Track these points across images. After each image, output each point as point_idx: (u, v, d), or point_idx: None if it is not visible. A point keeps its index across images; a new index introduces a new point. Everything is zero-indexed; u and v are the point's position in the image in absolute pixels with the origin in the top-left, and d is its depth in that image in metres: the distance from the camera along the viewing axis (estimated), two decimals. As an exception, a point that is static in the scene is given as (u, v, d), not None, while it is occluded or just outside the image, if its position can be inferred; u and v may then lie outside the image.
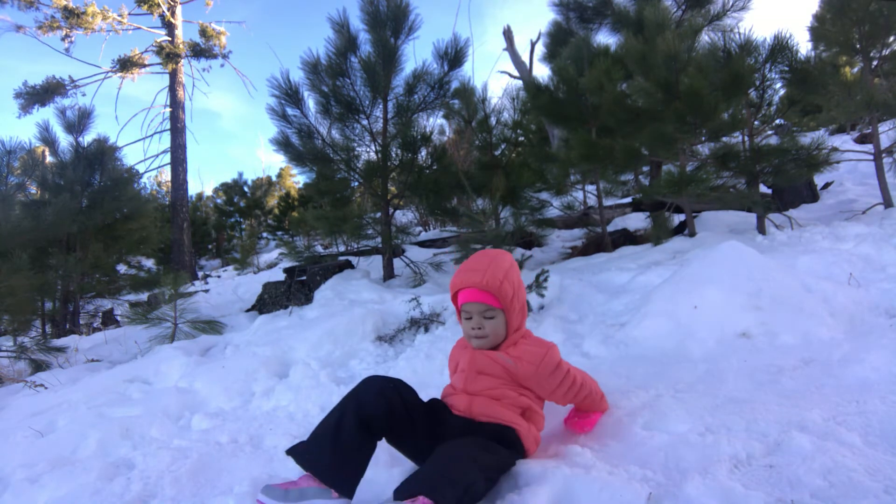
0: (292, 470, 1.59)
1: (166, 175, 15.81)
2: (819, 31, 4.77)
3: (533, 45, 10.60)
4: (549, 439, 1.66)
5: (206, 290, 6.63)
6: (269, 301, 4.85)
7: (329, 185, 5.60)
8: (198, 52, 12.30)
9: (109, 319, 6.48)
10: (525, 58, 10.76)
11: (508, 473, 1.41)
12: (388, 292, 4.20)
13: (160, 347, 3.59)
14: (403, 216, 8.98)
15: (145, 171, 12.22)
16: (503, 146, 5.65)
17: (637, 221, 6.13)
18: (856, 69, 5.19)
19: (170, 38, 11.43)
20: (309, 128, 4.84)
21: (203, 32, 12.29)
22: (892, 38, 4.58)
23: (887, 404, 1.44)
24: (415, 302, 3.52)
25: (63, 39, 10.87)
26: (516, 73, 10.77)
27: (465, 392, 1.57)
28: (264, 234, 15.74)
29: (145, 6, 10.96)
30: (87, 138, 6.28)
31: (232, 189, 17.17)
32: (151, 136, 11.67)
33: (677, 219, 5.47)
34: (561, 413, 1.82)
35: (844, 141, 8.66)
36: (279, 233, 14.77)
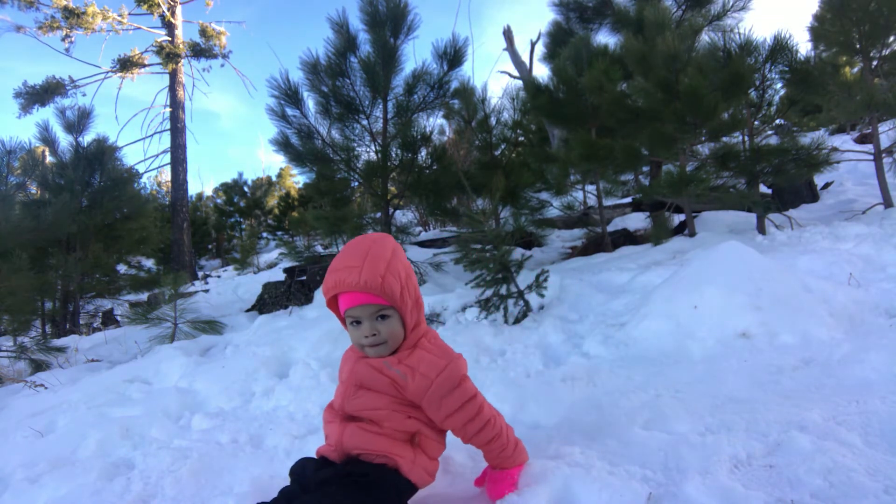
0: (292, 470, 1.59)
1: (166, 175, 15.81)
2: (819, 31, 4.77)
3: (533, 45, 10.61)
4: (549, 439, 1.66)
5: (206, 290, 6.63)
6: (269, 301, 4.85)
7: (329, 185, 5.60)
8: (198, 52, 12.31)
9: (109, 319, 6.48)
10: (525, 58, 10.76)
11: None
12: (388, 292, 4.19)
13: (160, 347, 3.59)
14: (403, 216, 8.97)
15: (145, 171, 12.24)
16: (503, 146, 5.65)
17: (637, 221, 6.13)
18: (856, 69, 5.19)
19: (170, 38, 11.43)
20: (309, 128, 4.84)
21: (203, 32, 12.30)
22: (892, 38, 4.57)
23: (887, 404, 1.44)
24: (415, 302, 3.52)
25: (63, 39, 10.87)
26: (516, 73, 10.77)
27: (341, 414, 1.31)
28: (264, 234, 15.73)
29: (145, 6, 10.96)
30: (87, 138, 6.30)
31: (232, 189, 17.18)
32: (151, 136, 11.69)
33: (677, 219, 5.47)
34: (560, 409, 1.82)
35: (844, 141, 8.66)
36: (279, 233, 14.77)
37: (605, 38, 7.86)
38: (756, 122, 4.54)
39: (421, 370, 1.25)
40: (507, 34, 10.68)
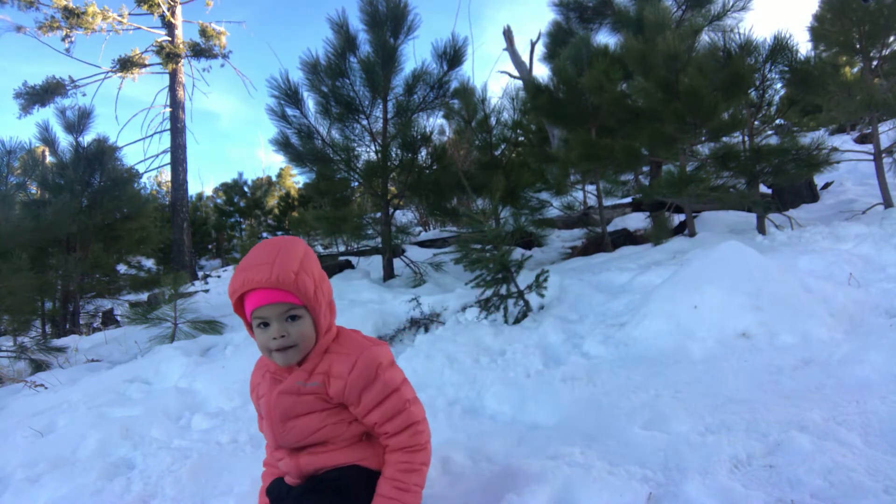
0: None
1: (166, 175, 15.80)
2: (819, 31, 4.77)
3: (533, 45, 10.61)
4: (549, 439, 1.66)
5: (206, 290, 6.63)
6: (269, 301, 4.84)
7: (329, 185, 5.61)
8: (198, 52, 12.30)
9: (109, 319, 6.48)
10: (525, 58, 10.77)
11: (507, 473, 1.41)
12: (388, 292, 4.20)
13: (160, 347, 3.59)
14: (403, 216, 8.98)
15: (145, 171, 12.24)
16: (503, 146, 5.65)
17: (637, 221, 6.13)
18: (856, 69, 5.19)
19: (170, 38, 11.43)
20: (309, 128, 4.84)
21: (203, 32, 12.29)
22: (892, 38, 4.57)
23: (887, 404, 1.44)
24: (415, 302, 3.52)
25: (63, 39, 10.86)
26: (516, 73, 10.77)
27: (284, 450, 1.24)
28: (264, 234, 15.73)
29: (145, 6, 10.96)
30: (87, 138, 6.29)
31: (232, 189, 17.17)
32: (151, 136, 11.67)
33: (677, 219, 5.47)
34: (560, 409, 1.81)
35: (844, 141, 8.66)
36: (279, 233, 14.77)
37: (605, 38, 7.88)
38: (756, 122, 4.54)
39: (333, 373, 1.16)
40: (507, 34, 10.69)
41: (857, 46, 4.57)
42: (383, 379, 1.17)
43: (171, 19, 11.47)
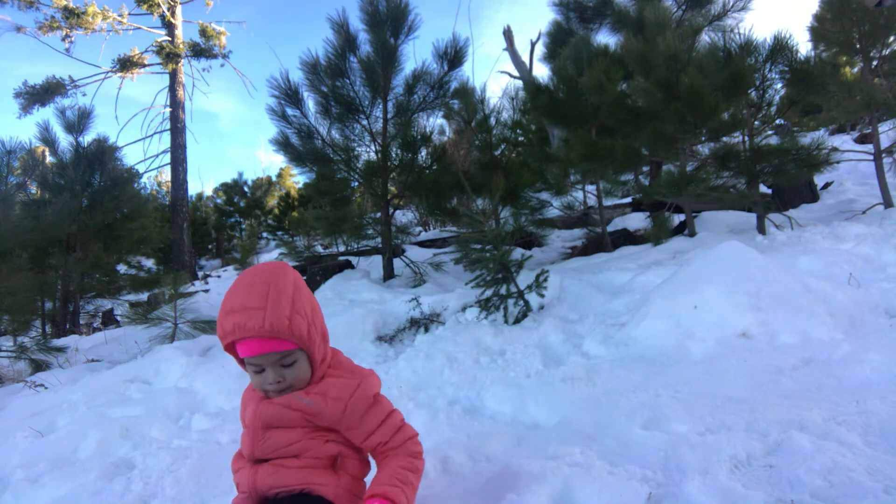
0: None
1: (166, 175, 15.80)
2: (819, 31, 4.77)
3: (533, 45, 10.62)
4: (549, 439, 1.66)
5: (206, 290, 6.63)
6: (269, 301, 4.85)
7: (329, 185, 5.61)
8: (198, 52, 12.30)
9: (109, 319, 6.49)
10: (525, 58, 10.77)
11: (507, 473, 1.40)
12: (388, 292, 4.20)
13: (160, 347, 3.59)
14: (403, 216, 8.99)
15: (145, 171, 12.24)
16: (503, 146, 5.66)
17: (637, 221, 6.13)
18: (856, 69, 5.19)
19: (170, 38, 11.43)
20: (309, 128, 4.84)
21: (203, 32, 12.29)
22: (892, 38, 4.57)
23: (887, 404, 1.44)
24: (415, 302, 3.52)
25: (63, 39, 10.86)
26: (516, 73, 10.77)
27: (252, 459, 1.21)
28: (264, 234, 15.74)
29: (145, 6, 10.96)
30: (87, 138, 6.28)
31: (232, 189, 17.18)
32: (151, 136, 11.67)
33: (677, 219, 5.47)
34: (560, 409, 1.81)
35: (844, 141, 8.67)
36: (279, 233, 14.77)
37: (605, 38, 7.88)
38: (756, 122, 4.54)
39: (332, 395, 1.17)
40: (507, 34, 10.69)
41: (857, 46, 4.57)
42: (380, 404, 1.23)
43: (171, 19, 11.47)
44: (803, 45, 8.55)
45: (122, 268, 7.16)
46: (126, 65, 11.31)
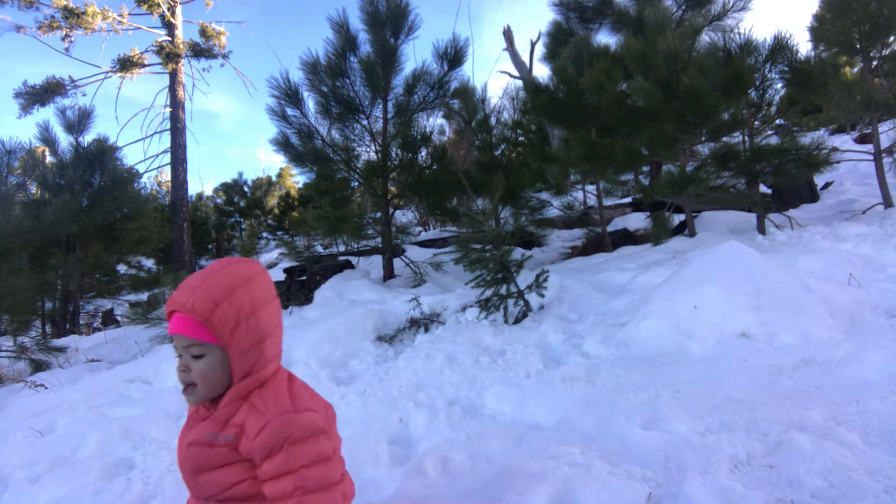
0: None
1: (166, 175, 15.80)
2: (819, 31, 4.77)
3: (533, 45, 10.61)
4: (549, 439, 1.66)
5: (206, 290, 6.61)
6: (269, 301, 4.85)
7: (329, 185, 5.60)
8: (198, 52, 12.29)
9: (109, 319, 6.49)
10: (525, 58, 10.77)
11: (507, 473, 1.40)
12: (388, 292, 4.20)
13: (160, 347, 3.59)
14: (403, 216, 8.98)
15: (145, 171, 12.22)
16: (503, 146, 5.66)
17: (637, 221, 6.13)
18: (856, 69, 5.19)
19: (170, 38, 11.43)
20: (309, 128, 4.84)
21: (203, 32, 12.28)
22: (892, 38, 4.57)
23: (887, 404, 1.44)
24: (415, 302, 3.52)
25: (63, 39, 10.85)
26: (516, 73, 10.77)
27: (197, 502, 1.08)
28: (264, 234, 15.73)
29: (145, 6, 10.96)
30: (88, 138, 6.30)
31: (232, 189, 17.17)
32: (151, 136, 11.65)
33: (677, 219, 5.47)
34: (560, 409, 1.81)
35: (844, 141, 8.67)
36: (279, 233, 14.77)
37: (605, 38, 7.88)
38: (756, 122, 4.54)
39: (246, 429, 0.99)
40: (508, 34, 10.68)
41: (857, 46, 4.57)
42: (288, 453, 0.96)
43: (171, 19, 11.47)
44: (803, 45, 8.56)
45: (122, 268, 7.16)
46: (126, 65, 11.30)
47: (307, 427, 1.00)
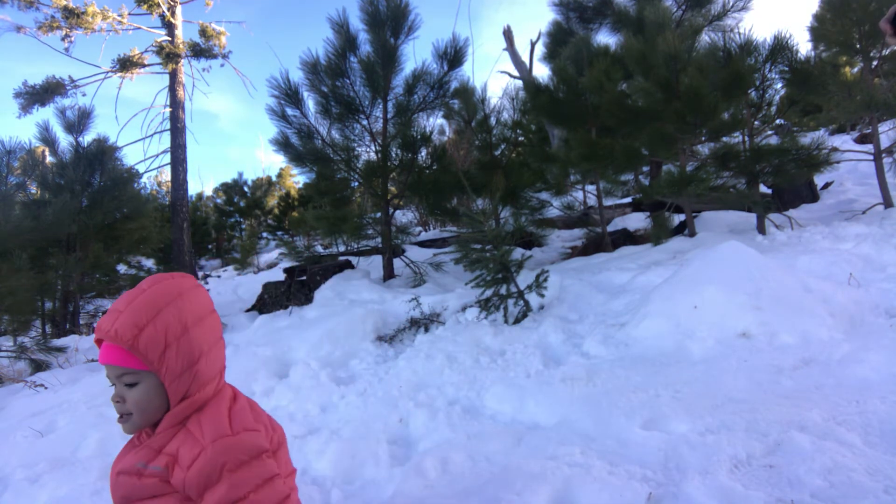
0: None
1: (166, 175, 15.81)
2: (819, 31, 4.77)
3: (533, 45, 10.61)
4: (549, 439, 1.66)
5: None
6: (270, 301, 4.85)
7: (329, 185, 5.61)
8: (198, 52, 12.29)
9: (109, 319, 6.47)
10: (525, 58, 10.77)
11: (507, 473, 1.40)
12: (388, 292, 4.20)
13: (160, 347, 3.59)
14: (403, 216, 8.99)
15: (145, 171, 12.20)
16: (503, 146, 5.66)
17: (637, 221, 6.13)
18: (856, 69, 5.19)
19: (170, 38, 11.43)
20: (309, 128, 4.84)
21: (203, 32, 12.28)
22: (892, 38, 4.57)
23: (887, 404, 1.44)
24: (415, 302, 3.52)
25: (63, 39, 10.85)
26: (516, 73, 10.77)
27: None
28: (264, 234, 15.74)
29: (145, 6, 10.95)
30: (87, 138, 6.29)
31: (232, 189, 17.17)
32: (151, 136, 11.63)
33: (677, 219, 5.47)
34: (560, 409, 1.81)
35: (844, 141, 8.67)
36: (279, 233, 14.78)
37: (605, 38, 7.88)
38: (756, 122, 4.54)
39: (179, 459, 0.92)
40: (507, 34, 10.68)
41: (857, 46, 4.57)
42: (231, 481, 0.89)
43: (171, 19, 11.46)
44: (803, 45, 8.57)
45: (122, 268, 7.16)
46: (126, 65, 11.30)
47: (245, 449, 0.93)
